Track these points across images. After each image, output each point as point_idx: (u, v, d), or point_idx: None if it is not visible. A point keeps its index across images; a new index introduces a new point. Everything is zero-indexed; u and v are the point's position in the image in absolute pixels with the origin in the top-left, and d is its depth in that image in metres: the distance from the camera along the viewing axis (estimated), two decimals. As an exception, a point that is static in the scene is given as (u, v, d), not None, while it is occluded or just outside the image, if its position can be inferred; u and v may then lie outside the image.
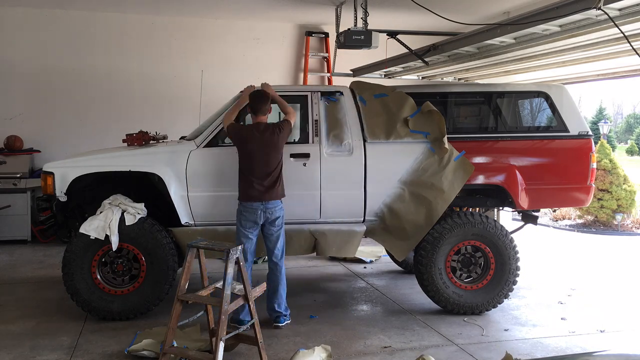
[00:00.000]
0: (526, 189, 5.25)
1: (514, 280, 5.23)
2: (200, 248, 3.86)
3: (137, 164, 5.00)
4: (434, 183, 5.09)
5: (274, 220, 4.67)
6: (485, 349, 4.47)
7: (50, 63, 8.60)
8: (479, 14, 7.80)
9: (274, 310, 4.82)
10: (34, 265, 6.99)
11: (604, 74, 6.74)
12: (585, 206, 6.23)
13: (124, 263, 4.96)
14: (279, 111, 5.03)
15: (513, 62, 5.95)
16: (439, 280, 5.12)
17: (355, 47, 6.49)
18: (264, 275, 4.93)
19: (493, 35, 4.89)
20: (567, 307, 5.57)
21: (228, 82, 8.00)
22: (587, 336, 4.80)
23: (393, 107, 5.18)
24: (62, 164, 5.04)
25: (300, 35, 9.63)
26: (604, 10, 3.72)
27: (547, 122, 5.64)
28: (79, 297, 4.87)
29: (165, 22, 8.99)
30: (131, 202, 4.97)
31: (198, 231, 5.00)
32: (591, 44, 4.90)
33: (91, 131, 8.55)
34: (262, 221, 4.65)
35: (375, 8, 6.64)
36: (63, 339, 4.54)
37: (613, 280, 6.73)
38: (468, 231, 5.13)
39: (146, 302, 4.94)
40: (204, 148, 5.07)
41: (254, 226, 4.67)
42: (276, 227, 4.71)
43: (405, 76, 7.63)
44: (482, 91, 5.78)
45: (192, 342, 4.28)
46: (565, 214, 11.32)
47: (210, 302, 3.85)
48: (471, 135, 5.39)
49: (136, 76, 8.90)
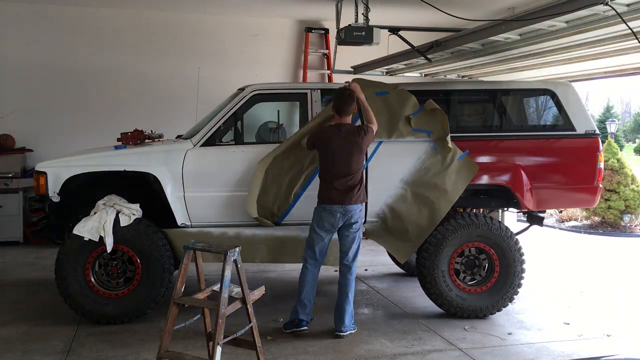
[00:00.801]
0: (531, 189, 5.16)
1: (519, 283, 5.14)
2: (196, 250, 3.78)
3: (132, 164, 4.93)
4: (437, 183, 5.01)
5: (351, 223, 4.55)
6: (490, 353, 4.40)
7: (42, 60, 8.49)
8: (483, 10, 7.73)
9: (339, 318, 4.64)
10: (26, 267, 6.91)
11: (611, 71, 6.71)
12: (592, 207, 6.18)
13: (118, 265, 4.88)
14: (278, 110, 4.93)
15: (518, 59, 5.90)
16: (442, 283, 5.03)
17: (356, 43, 6.45)
18: (263, 279, 4.83)
19: (498, 31, 4.84)
20: (574, 311, 5.49)
21: (225, 80, 7.91)
22: (594, 340, 4.73)
23: (395, 105, 5.09)
24: (55, 164, 4.96)
25: (300, 31, 9.53)
26: (611, 6, 3.67)
27: (553, 120, 5.56)
28: (73, 300, 4.79)
29: (160, 18, 8.88)
30: (126, 202, 4.89)
31: (192, 233, 4.91)
32: (598, 41, 4.85)
33: (85, 130, 8.44)
34: (341, 224, 4.53)
35: (376, 3, 6.59)
36: (56, 343, 4.47)
37: (620, 283, 6.66)
38: (472, 232, 5.05)
39: (141, 305, 4.86)
40: (201, 147, 4.99)
41: (330, 229, 4.56)
42: (353, 230, 4.58)
43: (408, 73, 7.60)
44: (487, 89, 5.70)
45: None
46: (571, 215, 11.24)
47: (207, 305, 3.77)
48: (475, 134, 5.31)
49: (131, 73, 8.79)
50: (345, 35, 6.34)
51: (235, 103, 5.09)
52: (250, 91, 5.12)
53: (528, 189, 5.15)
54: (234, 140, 5.17)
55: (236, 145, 5.11)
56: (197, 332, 4.45)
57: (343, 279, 4.67)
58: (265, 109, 5.55)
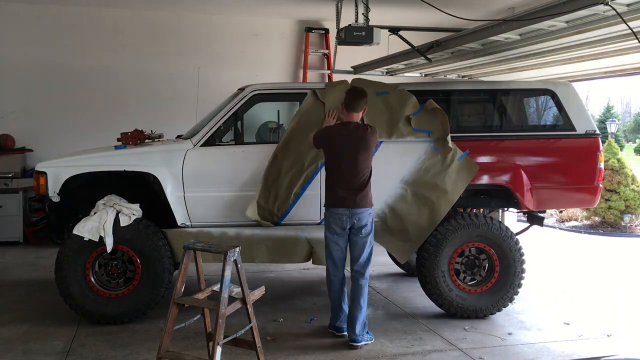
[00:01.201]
0: (532, 189, 5.16)
1: (519, 283, 5.13)
2: (196, 250, 3.77)
3: (132, 164, 4.92)
4: (437, 183, 5.00)
5: (360, 227, 4.43)
6: (490, 353, 4.39)
7: (43, 60, 8.48)
8: (483, 10, 7.72)
9: (351, 326, 4.45)
10: (26, 267, 6.91)
11: (611, 71, 6.69)
12: (592, 207, 6.17)
13: (118, 265, 4.87)
14: (278, 110, 4.93)
15: (518, 59, 5.87)
16: (442, 283, 5.03)
17: (356, 43, 6.42)
18: (262, 279, 4.83)
19: (498, 31, 4.81)
20: (574, 311, 5.48)
21: (225, 80, 7.93)
22: (594, 340, 4.72)
23: (395, 105, 5.09)
24: (55, 164, 4.96)
25: (300, 31, 9.52)
26: (611, 6, 3.64)
27: (554, 120, 5.55)
28: (73, 300, 4.79)
29: (161, 18, 8.87)
30: (126, 202, 4.89)
31: (192, 233, 4.91)
32: (598, 41, 4.82)
33: (85, 130, 8.43)
34: (349, 226, 4.43)
35: (376, 3, 6.58)
36: (56, 344, 4.46)
37: (620, 283, 6.66)
38: (472, 232, 5.04)
39: (141, 305, 4.86)
40: (201, 147, 4.99)
41: (341, 232, 4.45)
42: (362, 235, 4.45)
43: (408, 73, 7.57)
44: (487, 89, 5.68)
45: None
46: (571, 215, 11.24)
47: (207, 306, 3.77)
48: (475, 134, 5.30)
49: (131, 73, 8.78)
50: (345, 35, 6.32)
51: (235, 103, 5.09)
52: (251, 91, 5.12)
53: (528, 189, 5.14)
54: (234, 140, 5.16)
55: (236, 145, 5.10)
56: (197, 332, 4.45)
57: (354, 285, 4.54)
58: (265, 109, 5.54)
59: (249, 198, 4.93)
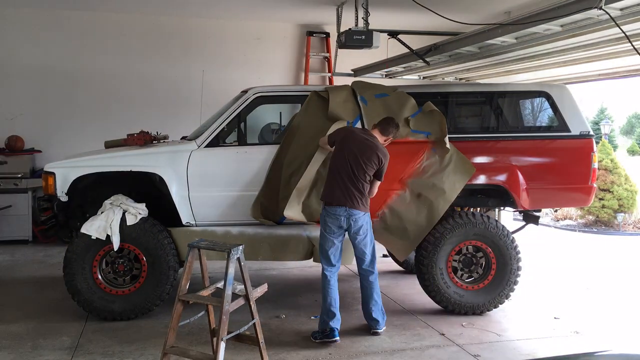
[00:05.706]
0: (527, 189, 5.24)
1: (516, 281, 5.22)
2: (201, 248, 3.85)
3: (138, 164, 5.00)
4: (435, 183, 5.07)
5: (357, 229, 4.52)
6: (487, 349, 4.46)
7: (51, 63, 8.61)
8: (480, 14, 7.79)
9: (370, 318, 4.71)
10: (35, 265, 6.99)
11: (605, 73, 6.72)
12: (586, 206, 6.23)
13: (125, 263, 4.96)
14: (280, 111, 5.00)
15: (514, 61, 5.93)
16: (440, 281, 5.11)
17: (356, 47, 6.47)
18: (265, 276, 4.91)
19: (494, 35, 4.87)
20: (569, 307, 5.56)
21: (229, 82, 7.99)
22: (589, 336, 4.80)
23: (394, 107, 5.17)
24: (63, 164, 5.03)
25: (301, 35, 9.62)
26: (605, 10, 3.69)
27: (549, 122, 5.63)
28: (80, 297, 4.87)
29: (166, 22, 8.98)
30: (132, 202, 4.96)
31: (196, 232, 5.00)
32: (593, 44, 4.88)
33: (92, 131, 8.50)
34: (346, 226, 4.51)
35: (376, 8, 6.64)
36: (64, 339, 4.54)
37: (615, 280, 6.73)
38: (469, 231, 5.12)
39: (147, 302, 4.94)
40: (205, 148, 5.06)
41: (339, 231, 4.53)
42: (361, 236, 4.55)
43: (406, 76, 7.61)
44: (484, 91, 5.77)
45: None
46: (566, 214, 11.31)
47: (211, 302, 3.83)
48: (472, 135, 5.38)
49: (138, 76, 8.90)
50: (345, 39, 6.37)
51: (238, 105, 5.16)
52: (253, 93, 5.19)
53: (524, 188, 5.22)
54: (237, 141, 5.24)
55: (239, 146, 5.17)
56: (201, 328, 4.54)
57: (365, 282, 4.69)
58: (267, 110, 5.62)
59: (252, 198, 5.02)
